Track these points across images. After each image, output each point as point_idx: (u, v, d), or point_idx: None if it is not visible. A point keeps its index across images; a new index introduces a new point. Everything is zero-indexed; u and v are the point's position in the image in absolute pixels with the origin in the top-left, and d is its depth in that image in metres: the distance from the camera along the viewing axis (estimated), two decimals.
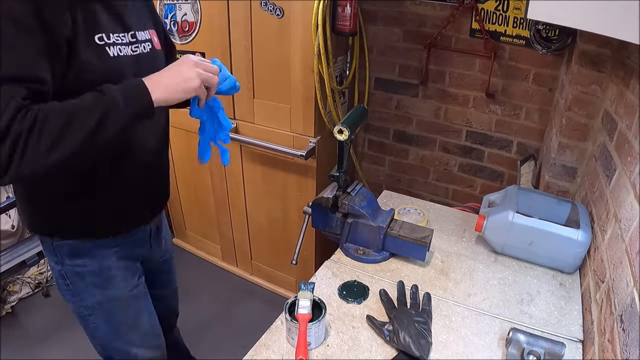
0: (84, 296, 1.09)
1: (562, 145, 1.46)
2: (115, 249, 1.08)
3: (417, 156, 2.23)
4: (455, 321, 1.02)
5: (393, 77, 2.11)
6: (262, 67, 1.81)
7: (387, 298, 1.04)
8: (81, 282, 1.07)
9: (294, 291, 2.23)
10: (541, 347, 0.88)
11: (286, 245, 2.18)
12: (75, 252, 1.04)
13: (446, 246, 1.28)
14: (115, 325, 1.13)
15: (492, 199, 1.36)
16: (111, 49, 0.89)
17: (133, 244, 1.13)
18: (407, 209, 1.47)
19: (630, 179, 0.92)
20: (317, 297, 0.96)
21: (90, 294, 1.08)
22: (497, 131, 1.97)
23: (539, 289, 1.12)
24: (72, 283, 1.07)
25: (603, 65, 1.31)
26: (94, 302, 1.09)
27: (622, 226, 0.91)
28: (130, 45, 0.94)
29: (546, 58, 1.70)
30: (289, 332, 0.93)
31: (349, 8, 1.65)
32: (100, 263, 1.06)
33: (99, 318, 1.12)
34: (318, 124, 1.81)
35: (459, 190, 2.19)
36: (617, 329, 0.79)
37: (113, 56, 0.89)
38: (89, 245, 1.04)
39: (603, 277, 0.97)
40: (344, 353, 0.93)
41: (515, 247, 1.21)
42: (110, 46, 0.88)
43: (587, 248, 1.12)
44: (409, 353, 0.89)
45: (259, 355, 0.92)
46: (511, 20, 1.74)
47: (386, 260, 1.21)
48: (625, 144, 1.01)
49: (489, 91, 1.87)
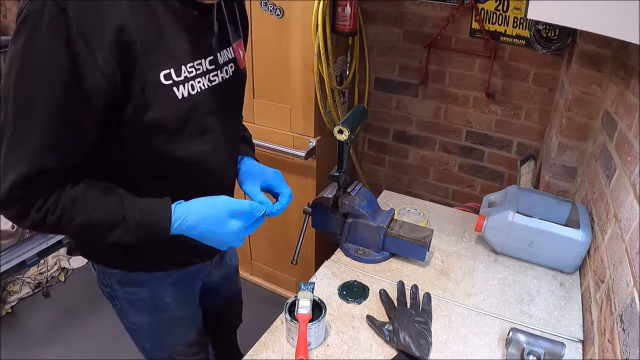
0: (133, 318, 1.02)
1: (562, 145, 1.46)
2: (171, 280, 0.99)
3: (417, 156, 2.23)
4: (455, 321, 1.02)
5: (393, 77, 2.11)
6: (262, 67, 1.81)
7: (387, 298, 1.04)
8: (131, 307, 1.00)
9: (294, 291, 2.23)
10: (541, 347, 0.88)
11: (286, 245, 2.18)
12: (127, 281, 0.95)
13: (446, 246, 1.28)
14: (160, 341, 1.08)
15: (492, 199, 1.36)
16: (180, 88, 0.73)
17: (193, 273, 1.03)
18: (407, 209, 1.46)
19: (630, 179, 0.92)
20: (317, 297, 0.96)
21: (139, 317, 1.01)
22: (497, 131, 1.97)
23: (539, 289, 1.12)
24: (121, 305, 1.00)
25: (603, 65, 1.31)
26: (142, 323, 1.03)
27: (622, 226, 0.91)
28: (208, 75, 0.79)
29: (546, 58, 1.70)
30: (289, 332, 0.93)
31: (349, 8, 1.65)
32: (154, 292, 0.98)
33: (146, 336, 1.07)
34: (318, 124, 1.81)
35: (459, 190, 2.19)
36: (617, 329, 0.79)
37: (182, 98, 0.73)
38: (142, 276, 0.95)
39: (603, 277, 0.97)
40: (344, 353, 0.93)
41: (515, 247, 1.21)
42: (179, 85, 0.73)
43: (587, 248, 1.12)
44: (409, 353, 0.89)
45: (259, 355, 0.92)
46: (511, 20, 1.74)
47: (386, 260, 1.21)
48: (625, 144, 1.01)
49: (489, 91, 1.87)
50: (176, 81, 0.72)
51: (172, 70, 0.71)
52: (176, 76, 0.72)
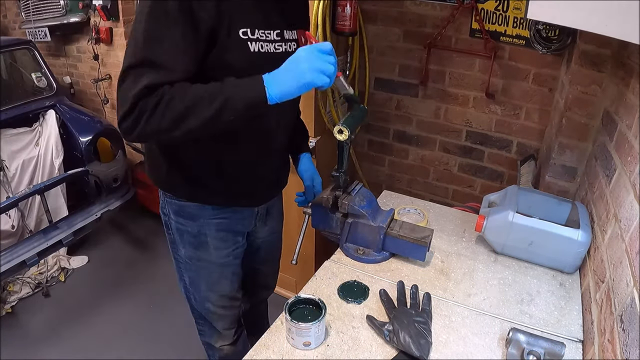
0: (179, 248, 1.20)
1: (562, 145, 1.46)
2: (216, 221, 1.15)
3: (417, 156, 2.23)
4: (455, 321, 1.02)
5: (393, 77, 2.11)
6: None
7: (387, 298, 1.04)
8: (179, 237, 1.18)
9: (294, 291, 2.23)
10: (541, 347, 0.88)
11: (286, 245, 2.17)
12: (181, 212, 1.14)
13: (446, 246, 1.28)
14: (197, 280, 1.24)
15: (492, 199, 1.36)
16: (253, 44, 0.94)
17: (236, 220, 1.19)
18: (407, 209, 1.46)
19: (630, 179, 0.92)
20: (317, 297, 0.96)
21: (184, 248, 1.19)
22: (497, 131, 1.97)
23: (539, 289, 1.12)
24: (173, 234, 1.19)
25: (603, 65, 1.31)
26: (186, 256, 1.20)
27: (622, 226, 0.91)
28: (274, 43, 0.99)
29: (546, 58, 1.70)
30: (289, 332, 0.93)
31: (349, 8, 1.66)
32: (199, 229, 1.15)
33: (186, 269, 1.23)
34: (318, 124, 1.81)
35: (459, 190, 2.19)
36: (617, 329, 0.79)
37: (253, 51, 0.95)
38: (193, 210, 1.13)
39: (603, 277, 0.97)
40: (344, 353, 0.93)
41: (515, 247, 1.21)
42: (252, 41, 0.94)
43: (587, 248, 1.12)
44: (409, 353, 0.89)
45: (259, 355, 0.92)
46: (511, 20, 1.74)
47: (386, 260, 1.21)
48: (625, 144, 1.01)
49: (489, 91, 1.87)
50: (250, 38, 0.94)
51: (248, 30, 0.93)
52: (250, 34, 0.94)
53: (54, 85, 2.77)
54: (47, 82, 2.76)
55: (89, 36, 2.95)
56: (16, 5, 3.40)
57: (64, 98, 2.81)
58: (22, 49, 2.77)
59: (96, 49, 2.98)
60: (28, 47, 2.75)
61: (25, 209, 2.41)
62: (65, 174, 2.36)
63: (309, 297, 0.97)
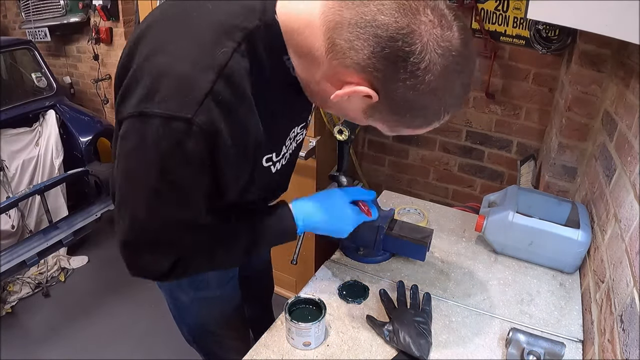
0: (179, 295, 1.12)
1: (562, 145, 1.46)
2: None
3: (417, 156, 2.23)
4: (455, 321, 1.02)
5: None
6: None
7: (387, 298, 1.04)
8: (177, 286, 1.10)
9: (294, 291, 2.23)
10: (541, 347, 0.88)
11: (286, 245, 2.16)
12: None
13: (446, 246, 1.28)
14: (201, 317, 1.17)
15: (492, 199, 1.36)
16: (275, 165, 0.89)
17: None
18: (407, 209, 1.46)
19: (630, 179, 0.92)
20: (317, 297, 0.96)
21: (184, 293, 1.11)
22: (497, 131, 1.97)
23: (539, 289, 1.12)
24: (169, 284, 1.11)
25: (603, 65, 1.31)
26: (187, 300, 1.12)
27: (622, 226, 0.91)
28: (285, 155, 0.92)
29: (546, 58, 1.70)
30: (289, 332, 0.93)
31: None
32: None
33: (190, 310, 1.16)
34: (318, 124, 1.81)
35: (459, 190, 2.19)
36: (617, 329, 0.79)
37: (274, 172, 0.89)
38: None
39: (603, 277, 0.97)
40: (344, 353, 0.93)
41: (515, 247, 1.21)
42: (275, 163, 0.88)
43: (587, 248, 1.12)
44: (409, 353, 0.89)
45: (259, 355, 0.92)
46: (511, 20, 1.74)
47: (386, 260, 1.21)
48: (625, 144, 1.01)
49: (489, 91, 1.87)
50: (274, 161, 0.87)
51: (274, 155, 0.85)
52: (275, 157, 0.86)
53: (54, 85, 2.78)
54: (47, 82, 2.76)
55: (89, 36, 2.96)
56: (16, 5, 3.40)
57: (64, 98, 2.81)
58: (22, 49, 2.77)
59: (96, 49, 2.99)
60: (28, 47, 2.75)
61: (25, 209, 2.41)
62: (65, 174, 2.36)
63: (309, 297, 0.97)
